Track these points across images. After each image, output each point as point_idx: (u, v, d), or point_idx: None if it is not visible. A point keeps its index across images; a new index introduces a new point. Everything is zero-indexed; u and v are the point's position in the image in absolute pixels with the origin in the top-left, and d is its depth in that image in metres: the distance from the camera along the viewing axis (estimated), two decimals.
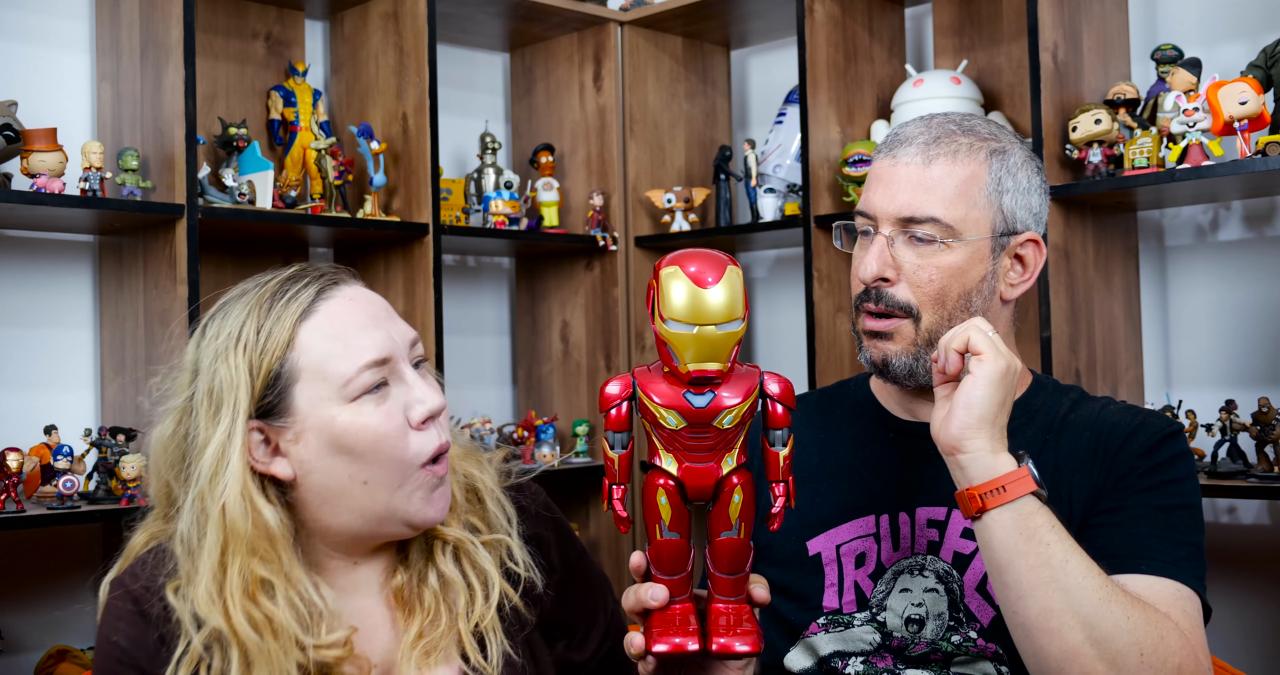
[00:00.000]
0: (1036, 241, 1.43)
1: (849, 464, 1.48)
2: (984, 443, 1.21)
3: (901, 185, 1.38)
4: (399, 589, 1.28)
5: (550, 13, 3.02)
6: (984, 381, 1.21)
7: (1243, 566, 2.46)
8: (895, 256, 1.38)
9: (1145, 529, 1.31)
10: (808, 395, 1.62)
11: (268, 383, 1.21)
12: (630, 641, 1.12)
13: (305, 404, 1.21)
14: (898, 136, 1.42)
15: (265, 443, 1.23)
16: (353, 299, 1.26)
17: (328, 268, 1.29)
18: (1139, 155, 2.26)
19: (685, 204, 3.05)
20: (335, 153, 2.74)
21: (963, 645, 1.35)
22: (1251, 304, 2.51)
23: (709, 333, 1.01)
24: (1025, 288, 1.44)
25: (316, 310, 1.23)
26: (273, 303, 1.23)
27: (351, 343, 1.22)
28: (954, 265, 1.37)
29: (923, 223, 1.36)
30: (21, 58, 2.53)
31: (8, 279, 2.50)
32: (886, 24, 2.93)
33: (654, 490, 1.08)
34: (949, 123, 1.42)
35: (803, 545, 1.45)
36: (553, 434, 2.96)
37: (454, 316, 3.11)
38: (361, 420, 1.21)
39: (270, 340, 1.21)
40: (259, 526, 1.19)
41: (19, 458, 2.19)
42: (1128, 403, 1.49)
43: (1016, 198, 1.40)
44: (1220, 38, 2.54)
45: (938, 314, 1.38)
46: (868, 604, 1.40)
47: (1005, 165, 1.40)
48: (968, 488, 1.22)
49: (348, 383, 1.21)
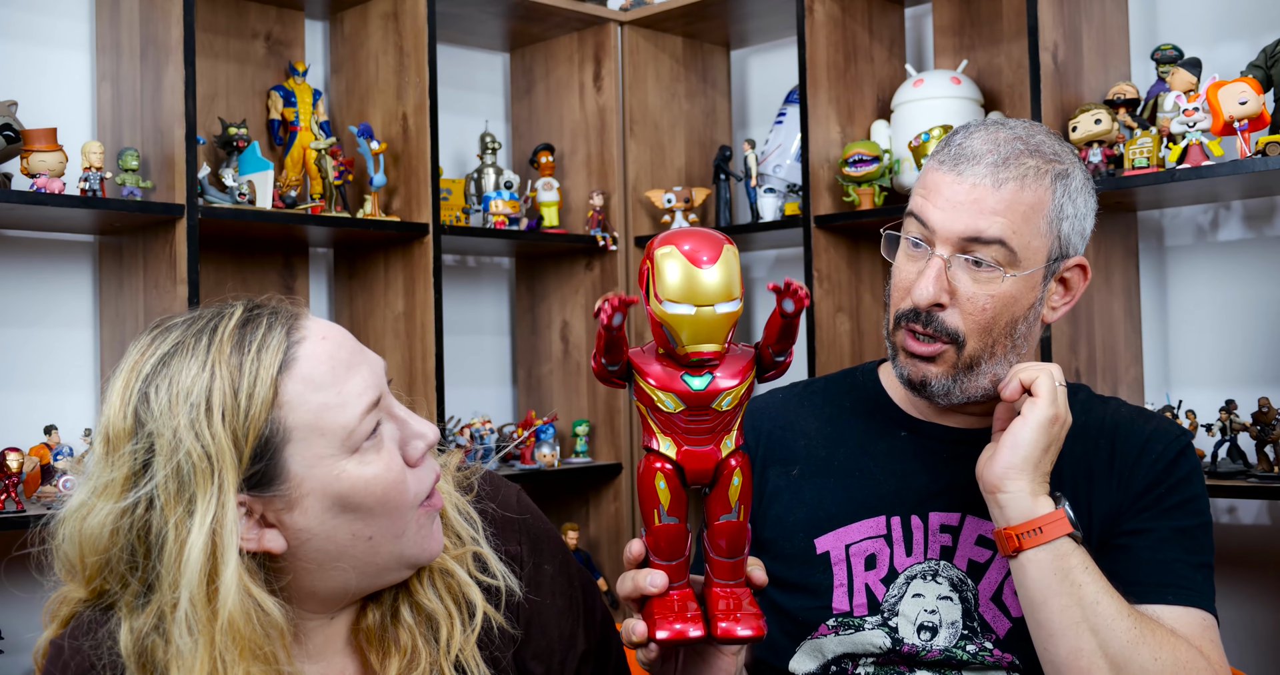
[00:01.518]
0: (1084, 266, 1.41)
1: (859, 460, 1.47)
2: (1024, 484, 1.25)
3: (967, 205, 1.33)
4: (370, 630, 1.16)
5: (550, 13, 3.02)
6: (1033, 425, 1.25)
7: (1243, 566, 2.46)
8: (951, 280, 1.35)
9: (1170, 554, 1.34)
10: (814, 382, 1.60)
11: (255, 451, 1.04)
12: (631, 628, 1.10)
13: (300, 466, 1.06)
14: (964, 150, 1.37)
15: (248, 515, 1.06)
16: (325, 337, 1.10)
17: (277, 302, 1.13)
18: (1139, 155, 2.26)
19: (685, 204, 3.05)
20: (335, 153, 2.74)
21: (978, 655, 1.35)
22: (1251, 304, 2.51)
23: (706, 313, 0.99)
24: (1065, 310, 1.43)
25: (296, 358, 1.07)
26: (241, 357, 1.05)
27: (344, 389, 1.08)
28: (1008, 294, 1.34)
29: (989, 244, 1.33)
30: (21, 58, 2.53)
31: (8, 279, 2.50)
32: (886, 24, 2.93)
33: (652, 474, 1.06)
34: (1016, 140, 1.37)
35: (810, 542, 1.44)
36: (553, 434, 2.96)
37: (454, 316, 3.11)
38: (369, 472, 1.08)
39: (253, 401, 1.04)
40: (263, 624, 1.03)
41: (19, 458, 2.19)
42: (1136, 406, 1.49)
43: (1074, 224, 1.38)
44: (1220, 38, 2.54)
45: (982, 342, 1.36)
46: (879, 608, 1.39)
47: (1068, 190, 1.37)
48: (1006, 527, 1.26)
49: (350, 434, 1.07)
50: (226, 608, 1.02)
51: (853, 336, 2.80)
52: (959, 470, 1.39)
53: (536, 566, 1.26)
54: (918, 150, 2.57)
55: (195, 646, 1.02)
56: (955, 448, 1.43)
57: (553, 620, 1.26)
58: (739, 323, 1.03)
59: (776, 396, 1.57)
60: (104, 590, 1.10)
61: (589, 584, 1.33)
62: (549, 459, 2.92)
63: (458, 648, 1.15)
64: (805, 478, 1.47)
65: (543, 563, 1.27)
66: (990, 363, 1.37)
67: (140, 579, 1.06)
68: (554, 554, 1.29)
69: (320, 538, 1.08)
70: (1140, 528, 1.36)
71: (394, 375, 2.45)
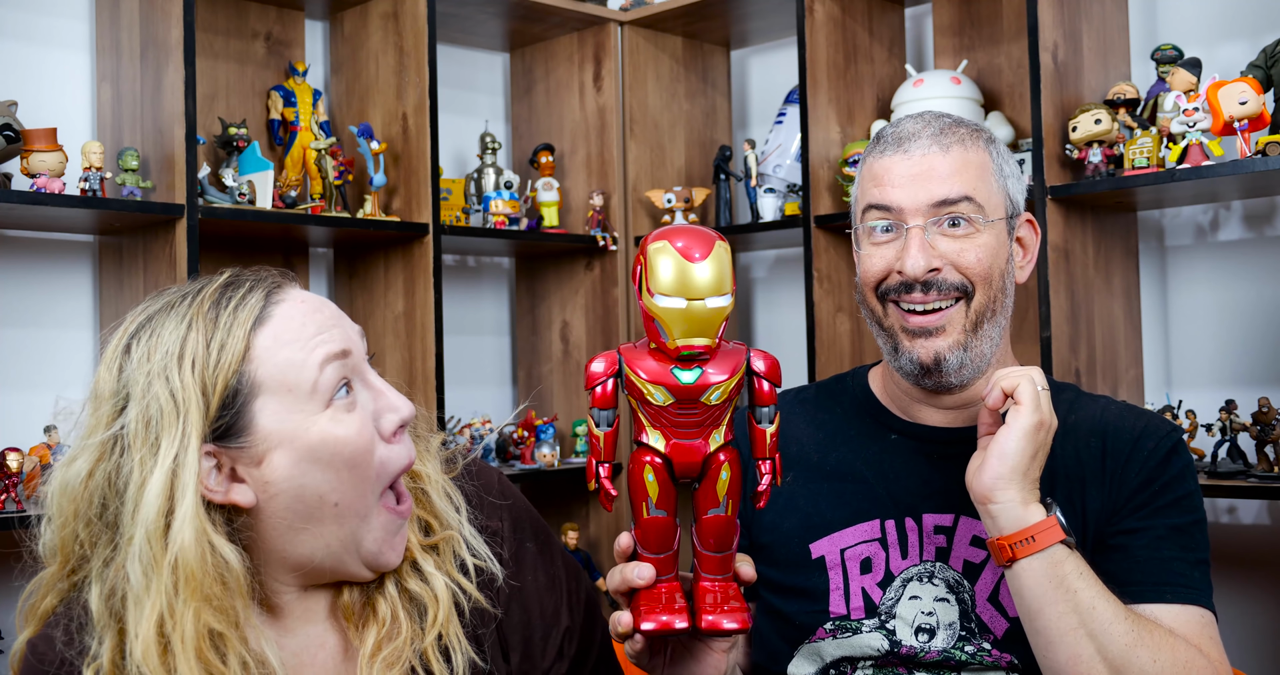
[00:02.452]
0: (1031, 221, 1.48)
1: (851, 465, 1.48)
2: (1015, 494, 1.25)
3: (924, 175, 1.39)
4: (348, 606, 1.17)
5: (550, 13, 3.02)
6: (1018, 433, 1.24)
7: (1243, 566, 2.46)
8: (934, 246, 1.38)
9: (1167, 552, 1.34)
10: (805, 389, 1.61)
11: (224, 401, 1.07)
12: (618, 620, 1.11)
13: (270, 420, 1.08)
14: (899, 133, 1.43)
15: (218, 469, 1.09)
16: (304, 301, 1.14)
17: (265, 272, 1.17)
18: (1139, 155, 2.26)
19: (685, 204, 3.05)
20: (335, 153, 2.74)
21: (977, 655, 1.35)
22: (1251, 304, 2.51)
23: (698, 307, 1.00)
24: (1030, 269, 1.48)
25: (271, 316, 1.10)
26: (218, 312, 1.10)
27: (309, 344, 1.10)
28: (990, 244, 1.39)
29: (957, 202, 1.37)
30: (21, 58, 2.53)
31: (8, 279, 2.50)
32: (886, 24, 2.93)
33: (641, 467, 1.07)
34: (941, 117, 1.45)
35: (805, 548, 1.44)
36: (553, 434, 2.96)
37: (454, 316, 3.11)
38: (339, 431, 1.09)
39: (224, 353, 1.08)
40: (218, 569, 1.05)
41: (19, 458, 2.19)
42: (1126, 402, 1.49)
43: (1012, 182, 1.45)
44: (1220, 38, 2.54)
45: (987, 294, 1.39)
46: (876, 611, 1.39)
47: (998, 151, 1.44)
48: (998, 537, 1.26)
49: (315, 385, 1.09)
50: (178, 544, 1.03)
51: (853, 336, 2.80)
52: (950, 470, 1.39)
53: (518, 543, 1.27)
54: None
55: (147, 585, 1.04)
56: (945, 448, 1.43)
57: (534, 597, 1.26)
58: (735, 321, 1.04)
59: None
60: (80, 562, 1.11)
61: (572, 565, 1.33)
62: (549, 459, 2.92)
63: (440, 627, 1.15)
64: (799, 483, 1.48)
65: (524, 540, 1.28)
66: (991, 323, 1.40)
67: (110, 525, 1.08)
68: (535, 533, 1.30)
69: (287, 495, 1.09)
70: (1135, 527, 1.36)
71: (394, 375, 2.45)
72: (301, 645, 1.17)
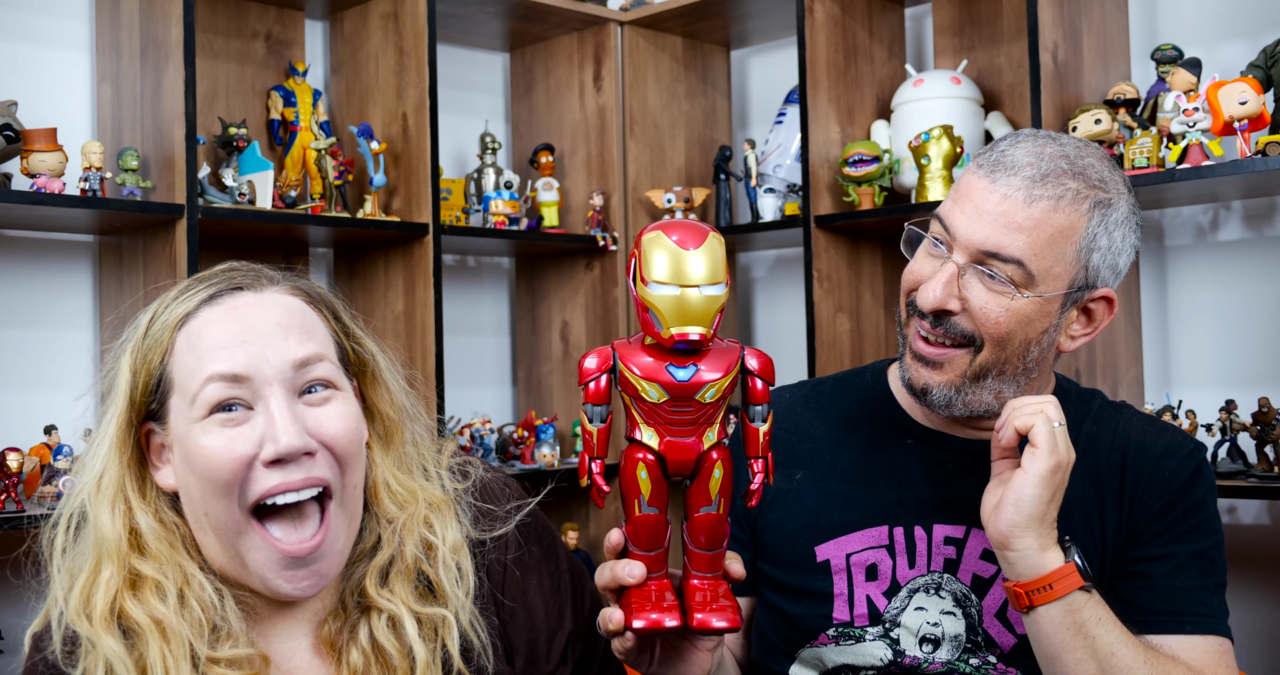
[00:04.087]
0: (1110, 299, 1.36)
1: (863, 467, 1.44)
2: (1032, 541, 1.23)
3: (993, 216, 1.28)
4: (329, 638, 1.17)
5: (550, 13, 3.02)
6: (1035, 479, 1.21)
7: (1243, 566, 2.46)
8: (962, 288, 1.30)
9: (1187, 580, 1.33)
10: (822, 382, 1.56)
11: (149, 388, 1.13)
12: (608, 617, 1.10)
13: (173, 416, 1.13)
14: (1004, 158, 1.31)
15: (163, 446, 1.15)
16: (235, 308, 1.13)
17: (254, 269, 1.19)
18: (1139, 155, 2.26)
19: (685, 204, 3.05)
20: (335, 153, 2.74)
21: (981, 668, 1.34)
22: (1251, 304, 2.51)
23: (691, 295, 1.00)
24: (1085, 341, 1.37)
25: (195, 317, 1.13)
26: (171, 303, 1.15)
27: (205, 356, 1.10)
28: (1022, 312, 1.29)
29: (1006, 262, 1.28)
30: (21, 58, 2.53)
31: (8, 279, 2.50)
32: (886, 24, 2.93)
33: (634, 464, 1.07)
34: (1062, 158, 1.30)
35: (810, 549, 1.42)
36: (553, 434, 2.96)
37: (454, 316, 3.11)
38: (207, 442, 1.09)
39: (153, 344, 1.14)
40: (131, 532, 1.12)
41: (19, 458, 2.19)
42: (1147, 415, 1.46)
43: (1106, 256, 1.31)
44: (1220, 38, 2.54)
45: (996, 353, 1.31)
46: (880, 619, 1.37)
47: (1105, 221, 1.30)
48: (1016, 584, 1.24)
49: (195, 398, 1.10)
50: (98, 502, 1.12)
51: (853, 336, 2.80)
52: (966, 483, 1.36)
53: (523, 547, 1.27)
54: (917, 150, 2.57)
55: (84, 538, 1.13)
56: (963, 459, 1.40)
57: (538, 599, 1.26)
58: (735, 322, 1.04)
59: (784, 396, 1.54)
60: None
61: (578, 568, 1.32)
62: (549, 459, 2.92)
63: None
64: (808, 482, 1.45)
65: (530, 544, 1.28)
66: (998, 380, 1.33)
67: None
68: (540, 536, 1.30)
69: (183, 492, 1.14)
70: (1156, 554, 1.34)
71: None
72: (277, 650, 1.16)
